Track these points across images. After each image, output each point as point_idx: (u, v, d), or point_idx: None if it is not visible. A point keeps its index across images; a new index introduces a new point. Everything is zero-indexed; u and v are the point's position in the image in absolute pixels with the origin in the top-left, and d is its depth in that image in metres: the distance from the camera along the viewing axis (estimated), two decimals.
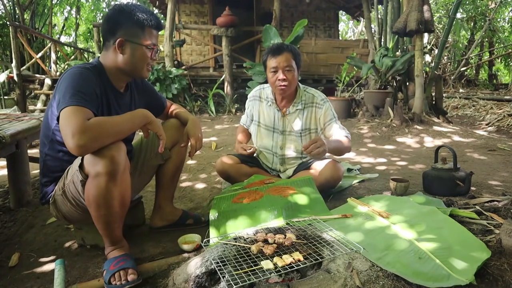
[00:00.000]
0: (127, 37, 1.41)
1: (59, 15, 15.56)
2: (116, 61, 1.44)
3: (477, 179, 2.42)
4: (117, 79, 1.50)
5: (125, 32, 1.41)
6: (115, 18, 1.43)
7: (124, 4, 1.48)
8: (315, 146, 1.80)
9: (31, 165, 2.44)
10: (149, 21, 1.44)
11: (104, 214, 1.32)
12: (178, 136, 1.72)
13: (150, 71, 1.54)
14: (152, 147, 1.70)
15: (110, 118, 1.35)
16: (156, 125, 1.41)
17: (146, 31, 1.44)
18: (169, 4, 6.29)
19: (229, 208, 1.72)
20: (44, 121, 1.48)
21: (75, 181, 1.34)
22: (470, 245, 1.28)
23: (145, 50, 1.44)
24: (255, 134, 2.25)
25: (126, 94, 1.57)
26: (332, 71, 7.08)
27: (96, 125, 1.22)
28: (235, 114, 6.33)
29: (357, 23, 15.54)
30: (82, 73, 1.35)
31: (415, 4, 4.46)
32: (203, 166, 3.07)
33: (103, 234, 1.40)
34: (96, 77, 1.40)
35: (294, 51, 2.03)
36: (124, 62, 1.44)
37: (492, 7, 10.91)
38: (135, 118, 1.35)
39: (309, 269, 1.23)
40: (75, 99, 1.25)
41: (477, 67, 11.94)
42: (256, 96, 2.26)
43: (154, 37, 1.48)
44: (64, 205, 1.45)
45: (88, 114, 1.25)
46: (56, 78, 6.88)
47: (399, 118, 4.58)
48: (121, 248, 1.43)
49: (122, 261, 1.35)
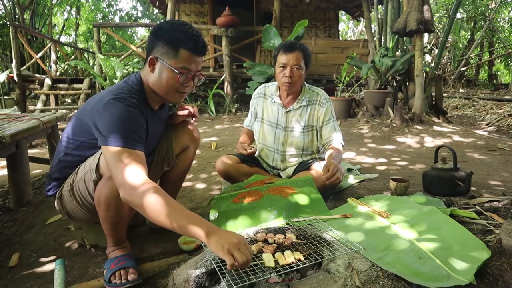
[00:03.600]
0: (159, 55, 1.33)
1: (59, 15, 15.57)
2: (148, 79, 1.39)
3: (477, 179, 2.42)
4: (152, 99, 1.44)
5: (158, 50, 1.33)
6: (153, 35, 1.35)
7: (164, 23, 1.39)
8: (337, 177, 1.79)
9: (31, 165, 2.44)
10: (185, 42, 1.32)
11: (113, 215, 1.33)
12: (186, 142, 1.73)
13: (183, 97, 1.43)
14: (160, 152, 1.69)
15: (167, 200, 1.12)
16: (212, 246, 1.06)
17: (180, 53, 1.32)
18: (169, 4, 6.29)
19: (229, 208, 1.72)
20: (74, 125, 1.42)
21: (86, 179, 1.34)
22: (470, 245, 1.28)
23: (173, 73, 1.33)
24: (258, 131, 2.26)
25: (160, 112, 1.56)
26: (332, 71, 7.08)
27: (148, 197, 1.11)
28: (235, 114, 6.33)
29: (357, 23, 15.54)
30: (129, 111, 1.28)
31: (415, 4, 4.46)
32: (203, 166, 3.07)
33: (108, 234, 1.41)
34: (139, 104, 1.34)
35: (305, 51, 2.07)
36: (153, 82, 1.38)
37: (492, 7, 10.91)
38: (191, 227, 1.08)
39: (309, 269, 1.23)
40: (126, 140, 1.21)
41: (477, 67, 11.94)
42: (260, 94, 2.29)
43: (191, 61, 1.34)
44: (69, 202, 1.45)
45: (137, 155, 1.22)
46: (56, 78, 6.90)
47: (399, 118, 4.58)
48: (123, 249, 1.44)
49: (123, 261, 1.35)
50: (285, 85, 2.06)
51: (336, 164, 1.85)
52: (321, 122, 2.16)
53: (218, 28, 6.56)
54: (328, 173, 1.80)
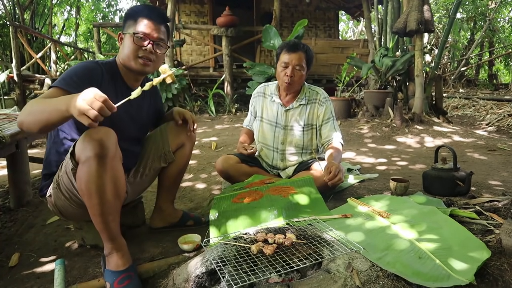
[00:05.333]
0: (124, 30, 1.49)
1: (59, 15, 15.56)
2: (119, 56, 1.51)
3: (477, 179, 2.42)
4: (128, 76, 1.54)
5: (125, 27, 1.49)
6: (124, 17, 1.51)
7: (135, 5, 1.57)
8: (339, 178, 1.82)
9: (31, 165, 2.44)
10: (142, 11, 1.47)
11: (98, 203, 1.25)
12: (182, 139, 1.73)
13: (146, 64, 1.48)
14: (156, 149, 1.69)
15: (46, 99, 1.21)
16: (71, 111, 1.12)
17: (138, 22, 1.46)
18: (169, 4, 6.28)
19: (229, 208, 1.72)
20: None
21: (67, 171, 1.32)
22: (470, 245, 1.28)
23: (132, 38, 1.44)
24: (257, 130, 2.26)
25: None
26: (332, 71, 7.08)
27: (31, 101, 1.22)
28: (235, 114, 6.33)
29: (357, 23, 15.54)
30: (87, 64, 1.40)
31: (415, 4, 4.46)
32: (203, 166, 3.07)
33: (99, 229, 1.31)
34: (105, 73, 1.44)
35: (308, 52, 2.08)
36: (121, 56, 1.49)
37: (492, 7, 10.91)
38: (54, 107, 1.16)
39: (309, 269, 1.23)
40: (61, 81, 1.31)
41: (477, 67, 11.94)
42: (260, 93, 2.29)
43: (147, 26, 1.46)
44: (58, 198, 1.43)
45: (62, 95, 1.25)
46: (56, 78, 6.89)
47: (399, 118, 4.58)
48: (121, 252, 1.34)
49: (127, 280, 1.28)
50: (285, 84, 2.07)
51: (337, 165, 1.86)
52: (321, 121, 2.16)
53: (218, 28, 6.56)
54: (330, 174, 1.81)
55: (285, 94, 2.19)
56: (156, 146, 1.69)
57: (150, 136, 1.73)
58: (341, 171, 1.85)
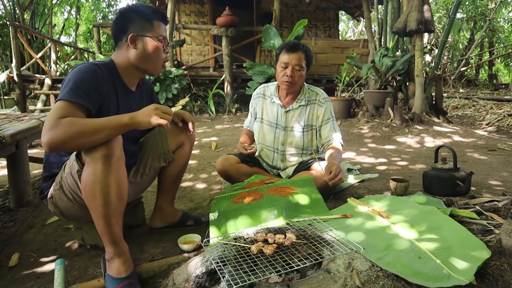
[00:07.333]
0: (138, 32, 1.44)
1: (59, 15, 15.57)
2: (129, 57, 1.46)
3: (477, 179, 2.42)
4: (129, 77, 1.52)
5: (135, 28, 1.44)
6: (123, 18, 1.46)
7: (128, 5, 1.52)
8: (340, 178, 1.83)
9: (31, 165, 2.44)
10: (155, 14, 1.48)
11: (101, 204, 1.25)
12: (181, 138, 1.73)
13: (164, 66, 1.55)
14: (156, 149, 1.69)
15: (87, 119, 1.25)
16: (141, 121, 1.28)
17: (154, 24, 1.47)
18: (169, 4, 6.29)
19: (229, 208, 1.72)
20: None
21: (72, 173, 1.32)
22: (470, 245, 1.28)
23: (156, 42, 1.46)
24: (258, 131, 2.26)
25: (137, 92, 1.59)
26: (332, 71, 7.08)
27: (67, 123, 1.19)
28: (235, 114, 6.33)
29: (357, 23, 15.54)
30: (89, 68, 1.36)
31: (415, 4, 4.46)
32: (203, 166, 3.07)
33: (102, 232, 1.30)
34: (106, 74, 1.41)
35: (308, 52, 2.08)
36: (138, 57, 1.46)
37: (492, 7, 10.91)
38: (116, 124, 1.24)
39: (309, 269, 1.23)
40: (70, 93, 1.27)
41: (477, 67, 11.94)
42: (260, 94, 2.29)
43: (163, 29, 1.51)
44: (61, 200, 1.43)
45: (78, 110, 1.26)
46: (56, 78, 6.89)
47: (399, 118, 4.58)
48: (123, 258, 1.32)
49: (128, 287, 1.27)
50: (284, 84, 2.07)
51: (338, 165, 1.86)
52: (320, 122, 2.17)
53: (218, 28, 6.56)
54: (331, 174, 1.82)
55: (285, 95, 2.19)
56: (155, 146, 1.69)
57: (149, 136, 1.73)
58: (342, 171, 1.85)
